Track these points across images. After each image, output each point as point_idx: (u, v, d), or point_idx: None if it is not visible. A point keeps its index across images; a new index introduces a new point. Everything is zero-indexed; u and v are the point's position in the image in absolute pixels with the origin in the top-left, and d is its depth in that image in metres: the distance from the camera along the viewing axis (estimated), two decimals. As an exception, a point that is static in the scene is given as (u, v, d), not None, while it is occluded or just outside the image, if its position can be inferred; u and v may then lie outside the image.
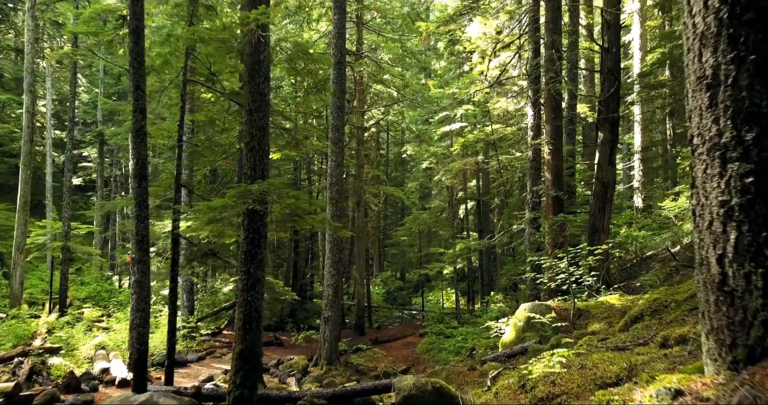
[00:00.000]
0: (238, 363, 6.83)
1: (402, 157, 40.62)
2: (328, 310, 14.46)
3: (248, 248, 7.11)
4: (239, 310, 7.03)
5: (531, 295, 12.87)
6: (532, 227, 13.16)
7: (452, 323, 21.06)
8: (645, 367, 3.22)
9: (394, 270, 39.37)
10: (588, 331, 7.62)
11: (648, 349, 3.81)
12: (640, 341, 4.47)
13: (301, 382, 13.18)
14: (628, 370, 3.26)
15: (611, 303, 8.56)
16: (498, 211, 28.48)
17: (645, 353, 3.68)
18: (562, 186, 13.06)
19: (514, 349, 8.10)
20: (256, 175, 7.17)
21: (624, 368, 3.33)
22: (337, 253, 14.65)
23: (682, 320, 4.97)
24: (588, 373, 3.48)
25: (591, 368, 3.58)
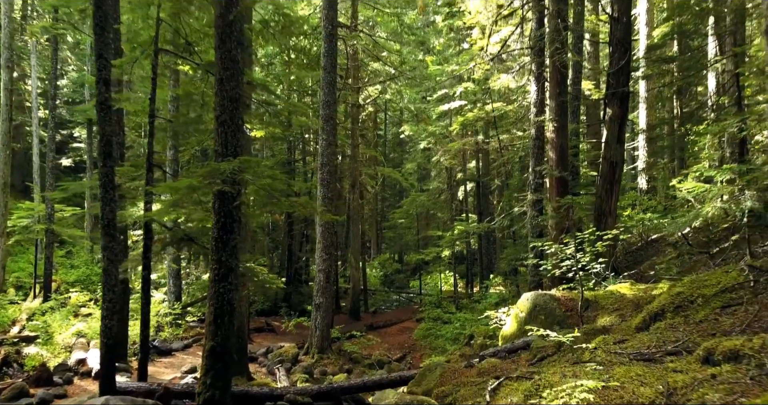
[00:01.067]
0: (208, 361, 6.13)
1: (400, 138, 39.74)
2: (319, 297, 13.80)
3: (220, 234, 6.36)
4: (210, 303, 6.31)
5: (533, 282, 12.18)
6: (535, 210, 12.40)
7: (450, 308, 20.45)
8: (689, 393, 2.50)
9: (392, 252, 38.77)
10: (597, 324, 6.91)
11: (685, 363, 3.09)
12: (670, 348, 3.74)
13: (290, 372, 12.57)
14: (666, 396, 2.55)
15: (622, 293, 7.85)
16: (498, 193, 27.71)
17: (683, 369, 2.96)
18: (567, 166, 12.27)
19: (516, 343, 7.40)
20: (227, 153, 6.39)
21: (660, 393, 2.61)
22: (329, 237, 13.93)
23: (715, 321, 4.24)
24: (613, 397, 2.76)
25: (616, 389, 2.86)
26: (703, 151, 20.46)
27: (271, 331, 17.51)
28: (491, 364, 6.77)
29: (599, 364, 3.61)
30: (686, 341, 3.81)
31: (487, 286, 19.24)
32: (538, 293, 8.20)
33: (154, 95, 8.84)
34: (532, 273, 12.11)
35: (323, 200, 13.86)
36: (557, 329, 7.52)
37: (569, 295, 8.09)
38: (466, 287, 26.69)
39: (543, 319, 7.82)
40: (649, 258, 14.39)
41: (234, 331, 6.41)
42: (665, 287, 7.33)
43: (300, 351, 14.13)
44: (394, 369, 13.80)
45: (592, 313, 7.53)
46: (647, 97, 22.82)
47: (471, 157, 27.72)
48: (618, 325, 6.26)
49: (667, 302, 5.11)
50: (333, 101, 14.11)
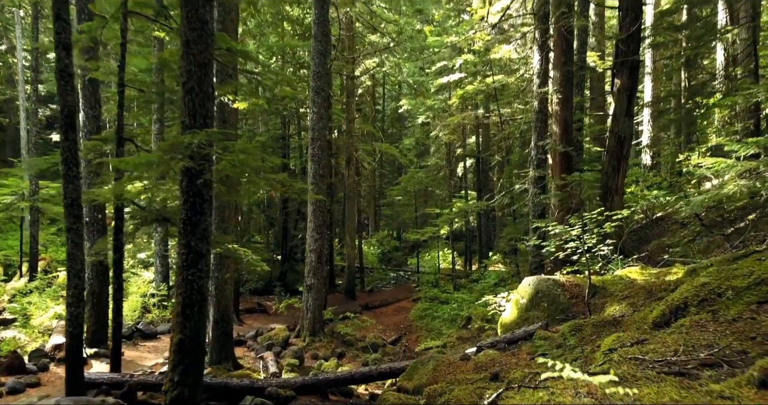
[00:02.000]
0: (176, 356, 5.54)
1: (399, 113, 38.80)
2: (311, 278, 13.22)
3: (188, 215, 5.70)
4: (177, 292, 5.69)
5: (533, 263, 11.58)
6: (537, 187, 11.74)
7: (448, 287, 19.95)
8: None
9: (390, 229, 38.19)
10: (606, 314, 6.31)
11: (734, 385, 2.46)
12: (704, 356, 3.11)
13: (280, 356, 12.07)
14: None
15: (631, 278, 7.23)
16: (498, 169, 27.00)
17: (733, 396, 2.34)
18: (571, 140, 11.57)
19: (516, 333, 6.82)
20: (195, 124, 5.69)
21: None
22: (321, 216, 13.28)
23: (752, 321, 3.61)
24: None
25: (647, 420, 2.27)
26: (712, 126, 19.70)
27: (263, 311, 17.02)
28: (489, 357, 6.19)
29: (620, 377, 2.98)
30: (723, 348, 3.18)
31: (486, 265, 18.69)
32: (541, 278, 7.58)
33: (123, 63, 8.08)
34: (534, 254, 11.51)
35: (314, 177, 13.18)
36: (561, 318, 6.93)
37: (574, 281, 7.47)
38: (465, 265, 26.18)
39: (546, 306, 7.22)
40: (655, 237, 13.78)
41: (205, 322, 5.80)
42: (680, 273, 6.71)
43: (291, 333, 13.62)
44: (388, 352, 13.32)
45: (599, 300, 6.93)
46: (653, 69, 21.94)
47: (471, 132, 26.92)
48: (630, 317, 5.65)
49: (690, 294, 4.48)
50: (324, 72, 13.31)
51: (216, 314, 10.25)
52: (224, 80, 9.99)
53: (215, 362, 10.21)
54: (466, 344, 12.51)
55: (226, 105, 10.08)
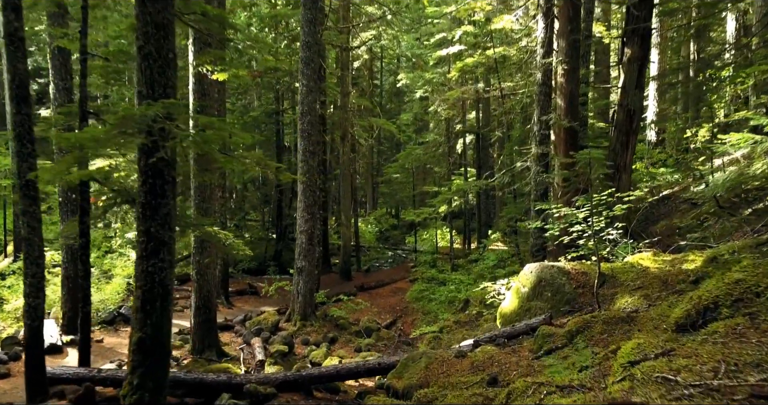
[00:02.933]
0: (136, 357, 4.94)
1: (397, 88, 37.80)
2: (301, 260, 12.62)
3: (147, 199, 5.03)
4: (137, 284, 5.06)
5: (535, 246, 10.96)
6: (539, 165, 11.04)
7: (445, 267, 19.40)
8: None
9: (388, 207, 37.58)
10: (617, 307, 5.69)
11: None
12: (755, 381, 2.48)
13: (269, 342, 11.52)
14: None
15: (644, 265, 6.60)
16: (499, 146, 26.22)
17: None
18: (577, 115, 10.83)
19: (517, 327, 6.21)
20: (154, 95, 4.99)
21: None
22: (311, 195, 12.61)
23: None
24: None
25: None
26: (722, 100, 18.89)
27: (254, 293, 16.47)
28: (487, 354, 5.60)
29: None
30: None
31: (485, 245, 18.10)
32: (544, 265, 6.95)
33: (85, 28, 7.30)
34: (535, 236, 10.88)
35: (304, 154, 12.47)
36: (566, 309, 6.33)
37: (580, 268, 6.84)
38: (464, 243, 25.60)
39: (549, 296, 6.61)
40: (662, 217, 13.14)
41: (169, 318, 5.17)
42: (698, 260, 6.08)
43: (282, 317, 13.08)
44: (382, 337, 12.80)
45: (608, 290, 6.30)
46: (660, 41, 21.00)
47: (471, 107, 26.06)
48: (645, 312, 5.02)
49: (722, 292, 3.84)
50: (314, 42, 12.48)
51: (198, 300, 9.67)
52: (202, 49, 9.22)
53: (198, 351, 9.67)
54: (464, 329, 11.98)
55: (205, 76, 9.32)
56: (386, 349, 12.07)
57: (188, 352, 9.79)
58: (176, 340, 10.21)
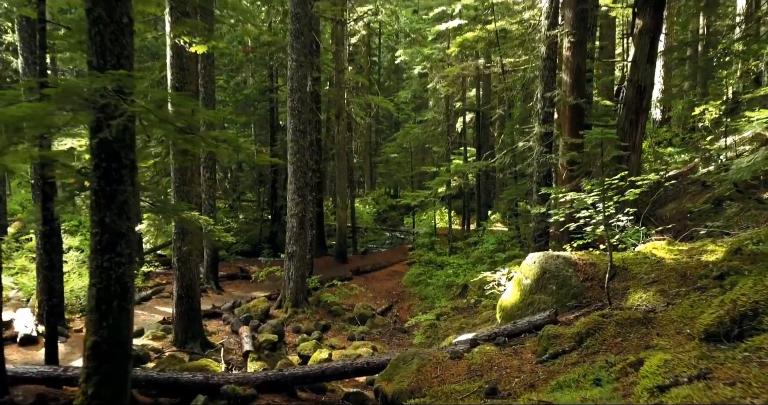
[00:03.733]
0: (91, 363, 4.39)
1: (396, 65, 36.85)
2: (292, 245, 12.07)
3: (101, 185, 4.43)
4: (91, 282, 4.49)
5: (538, 230, 10.38)
6: (542, 145, 10.38)
7: (444, 249, 18.89)
8: None
9: (387, 187, 36.90)
10: (630, 304, 5.13)
11: None
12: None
13: (258, 331, 11.03)
14: None
15: (658, 256, 6.03)
16: (499, 124, 25.49)
17: None
18: (583, 91, 10.17)
19: (519, 324, 5.66)
20: (106, 65, 4.35)
21: None
22: (302, 176, 11.99)
23: None
24: None
25: None
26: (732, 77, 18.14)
27: (246, 278, 15.94)
28: (486, 356, 5.06)
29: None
30: None
31: (485, 228, 17.55)
32: (549, 255, 6.38)
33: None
34: (537, 220, 10.28)
35: (294, 133, 11.82)
36: (573, 305, 5.77)
37: (588, 258, 6.26)
38: (463, 224, 25.05)
39: (554, 289, 6.05)
40: (670, 200, 12.53)
41: (129, 318, 4.60)
42: (719, 251, 5.50)
43: (273, 304, 12.58)
44: (377, 324, 12.32)
45: (619, 283, 5.74)
46: (668, 14, 20.13)
47: (471, 85, 25.28)
48: (665, 312, 4.46)
49: (762, 298, 3.26)
50: (304, 13, 11.71)
51: (180, 289, 9.14)
52: (179, 19, 8.50)
53: (181, 342, 9.18)
54: (461, 316, 11.49)
55: (184, 49, 8.63)
56: (380, 338, 11.61)
57: (171, 343, 9.30)
58: (158, 331, 9.70)
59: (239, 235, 23.59)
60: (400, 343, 11.31)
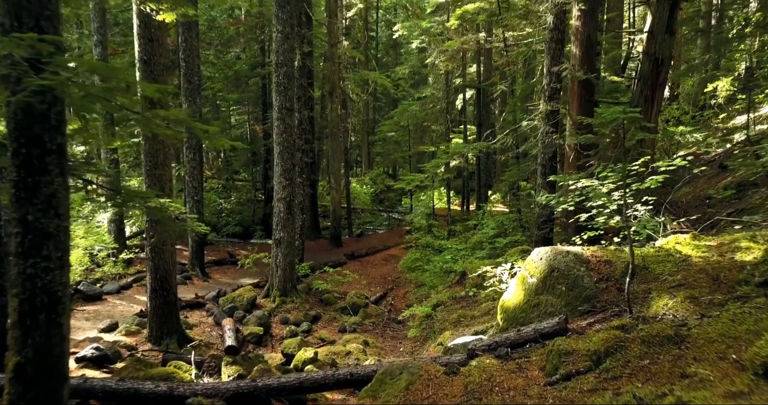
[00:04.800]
0: (14, 388, 3.68)
1: (394, 40, 35.66)
2: (280, 231, 11.34)
3: (21, 175, 3.66)
4: (12, 292, 3.75)
5: (542, 216, 9.64)
6: (548, 124, 9.57)
7: (442, 232, 18.18)
8: None
9: (385, 166, 36.00)
10: (653, 313, 4.39)
11: None
12: None
13: (243, 323, 10.40)
14: None
15: (683, 253, 5.28)
16: (501, 102, 24.56)
17: None
18: (594, 65, 9.31)
19: (523, 332, 4.93)
20: (21, 28, 3.54)
21: None
22: (289, 158, 11.19)
23: None
24: None
25: None
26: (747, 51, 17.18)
27: (235, 263, 15.24)
28: (485, 372, 4.35)
29: None
30: None
31: (484, 211, 16.80)
32: (557, 251, 5.62)
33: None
34: (542, 205, 9.52)
35: (280, 111, 10.98)
36: (585, 309, 5.04)
37: (602, 255, 5.51)
38: (462, 205, 24.32)
39: (564, 290, 5.32)
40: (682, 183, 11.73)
41: (62, 333, 3.87)
42: (758, 250, 4.75)
43: (261, 292, 11.90)
44: (370, 314, 11.66)
45: (639, 285, 5.00)
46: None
47: (471, 60, 24.27)
48: (699, 328, 3.72)
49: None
50: (291, -20, 10.77)
51: (153, 281, 8.42)
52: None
53: (156, 338, 8.50)
54: (459, 307, 10.79)
55: (151, 17, 7.75)
56: (373, 329, 10.96)
57: (145, 339, 8.62)
58: (133, 325, 9.02)
59: (231, 216, 22.88)
60: (394, 335, 10.66)
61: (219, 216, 22.82)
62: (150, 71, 7.93)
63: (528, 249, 10.89)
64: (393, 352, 9.47)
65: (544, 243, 9.87)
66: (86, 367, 7.07)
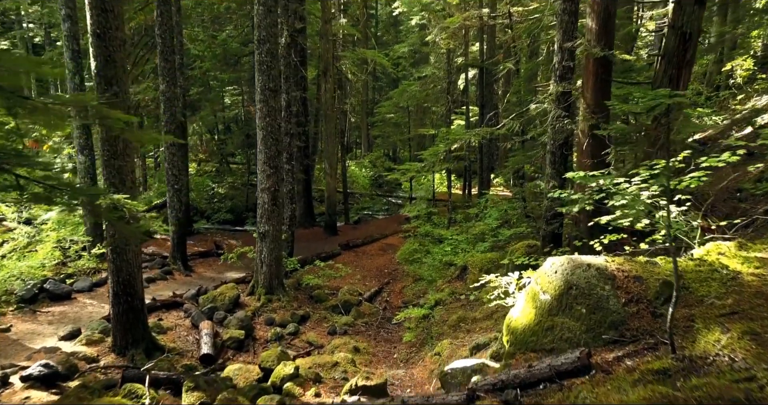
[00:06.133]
0: None
1: (395, 18, 34.29)
2: (264, 224, 10.42)
3: None
4: None
5: (551, 210, 8.67)
6: (560, 107, 8.54)
7: (442, 220, 17.25)
8: None
9: (385, 148, 34.90)
10: (700, 353, 3.46)
11: None
12: None
13: (223, 325, 9.56)
14: None
15: (731, 269, 4.33)
16: (504, 82, 23.40)
17: None
18: (612, 41, 8.24)
19: (536, 368, 4.01)
20: None
21: None
22: (273, 144, 10.21)
23: None
24: None
25: None
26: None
27: (221, 255, 14.34)
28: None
29: None
30: None
31: (487, 199, 15.83)
32: (576, 263, 4.68)
33: None
34: (551, 198, 8.55)
35: (263, 92, 9.97)
36: (612, 338, 4.12)
37: (630, 269, 4.57)
38: (464, 189, 23.38)
39: (584, 313, 4.39)
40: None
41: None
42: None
43: (244, 290, 11.03)
44: (363, 313, 10.81)
45: (679, 310, 4.06)
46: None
47: (474, 39, 23.06)
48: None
49: None
50: (273, -54, 9.65)
51: (116, 285, 7.52)
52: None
53: (120, 348, 7.64)
54: (459, 307, 9.90)
55: (104, -16, 6.72)
56: (366, 331, 10.10)
57: (109, 349, 7.76)
58: (96, 332, 8.16)
59: (223, 202, 21.95)
60: (388, 337, 9.81)
61: (211, 202, 21.90)
62: (104, 47, 6.92)
63: (534, 244, 9.96)
64: (386, 359, 8.61)
65: (553, 239, 8.93)
66: (33, 388, 6.21)
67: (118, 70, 7.09)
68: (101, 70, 7.00)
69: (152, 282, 11.70)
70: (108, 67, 7.00)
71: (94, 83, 7.14)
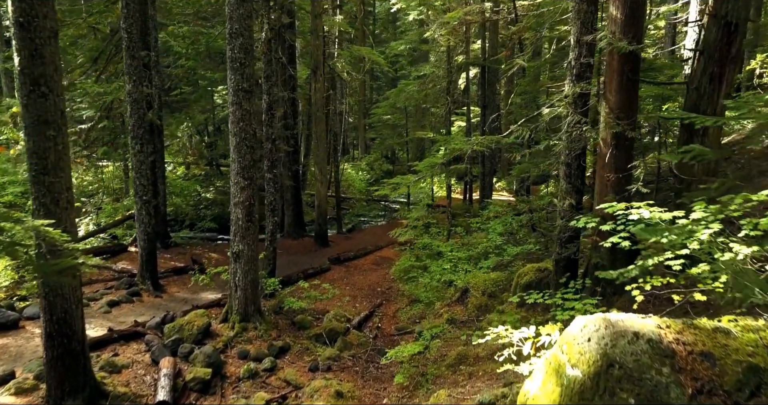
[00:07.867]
0: None
1: (393, 15, 33.07)
2: (238, 243, 9.20)
3: None
4: None
5: (566, 231, 7.43)
6: (577, 112, 7.31)
7: (442, 231, 15.99)
8: None
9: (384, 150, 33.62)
10: None
11: None
12: None
13: (189, 361, 8.33)
14: None
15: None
16: (507, 81, 22.18)
17: None
18: (641, 33, 6.99)
19: None
20: None
21: None
22: (248, 152, 8.98)
23: None
24: None
25: None
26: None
27: (201, 271, 13.08)
28: None
29: None
30: None
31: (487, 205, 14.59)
32: (617, 329, 3.43)
33: None
34: (566, 216, 7.31)
35: (236, 94, 8.75)
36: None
37: (693, 340, 3.31)
38: (464, 195, 22.15)
39: (626, 399, 3.15)
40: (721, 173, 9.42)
41: None
42: None
43: (218, 316, 9.80)
44: (351, 343, 9.59)
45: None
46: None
47: (475, 36, 21.85)
48: None
49: None
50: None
51: (49, 325, 6.30)
52: None
53: (55, 400, 6.40)
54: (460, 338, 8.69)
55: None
56: (353, 366, 8.86)
57: (42, 400, 6.53)
58: (32, 376, 6.93)
59: (210, 209, 20.72)
60: (377, 376, 8.57)
61: (197, 208, 20.67)
62: (29, 39, 5.70)
63: (546, 268, 8.71)
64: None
65: (568, 266, 7.68)
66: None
67: (48, 68, 5.87)
68: (26, 68, 5.78)
69: (115, 306, 10.46)
70: (34, 63, 5.78)
71: (17, 82, 5.92)
